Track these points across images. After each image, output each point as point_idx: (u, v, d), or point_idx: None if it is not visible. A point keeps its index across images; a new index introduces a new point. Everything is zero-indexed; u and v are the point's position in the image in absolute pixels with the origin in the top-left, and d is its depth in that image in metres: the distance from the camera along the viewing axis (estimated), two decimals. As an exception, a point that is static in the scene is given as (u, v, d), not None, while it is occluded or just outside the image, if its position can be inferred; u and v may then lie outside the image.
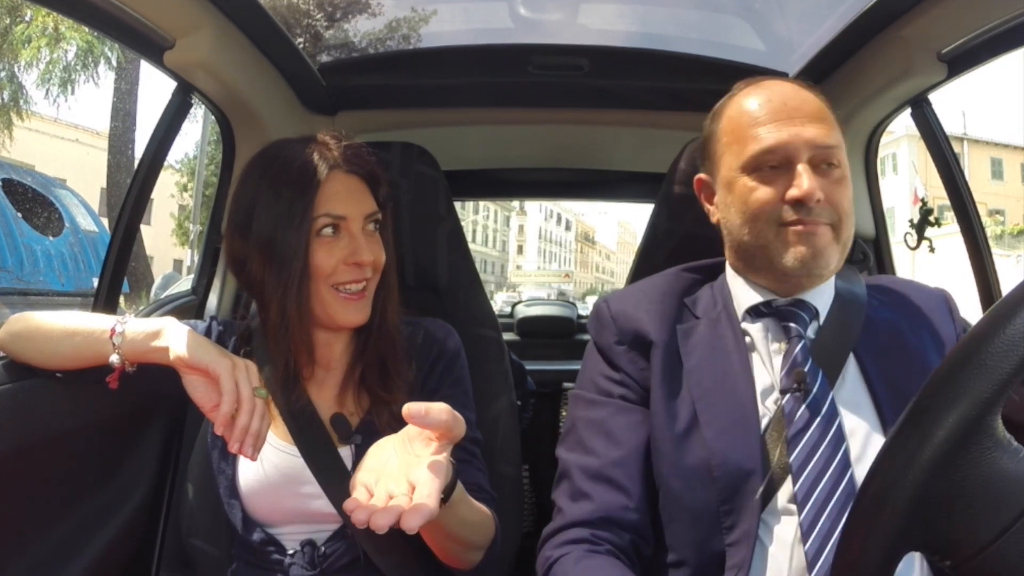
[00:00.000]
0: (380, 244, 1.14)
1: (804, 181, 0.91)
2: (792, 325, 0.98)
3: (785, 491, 0.91)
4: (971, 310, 1.05)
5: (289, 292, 1.07)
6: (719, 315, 1.03)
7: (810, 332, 0.99)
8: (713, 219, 1.07)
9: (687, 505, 0.94)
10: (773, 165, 0.94)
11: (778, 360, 0.97)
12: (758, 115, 0.96)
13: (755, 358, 0.99)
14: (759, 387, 0.96)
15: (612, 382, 1.04)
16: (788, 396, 0.93)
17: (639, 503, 0.97)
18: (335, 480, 1.07)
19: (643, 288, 1.11)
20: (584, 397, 1.06)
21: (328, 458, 1.09)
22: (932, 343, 1.01)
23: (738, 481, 0.91)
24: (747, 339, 1.00)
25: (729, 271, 1.08)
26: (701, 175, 1.08)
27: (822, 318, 1.00)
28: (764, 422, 0.94)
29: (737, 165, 0.97)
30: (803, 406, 0.91)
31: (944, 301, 1.07)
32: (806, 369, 0.93)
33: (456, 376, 1.21)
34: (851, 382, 0.97)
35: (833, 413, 0.92)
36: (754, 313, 1.01)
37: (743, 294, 1.03)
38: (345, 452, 1.10)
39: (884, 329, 1.01)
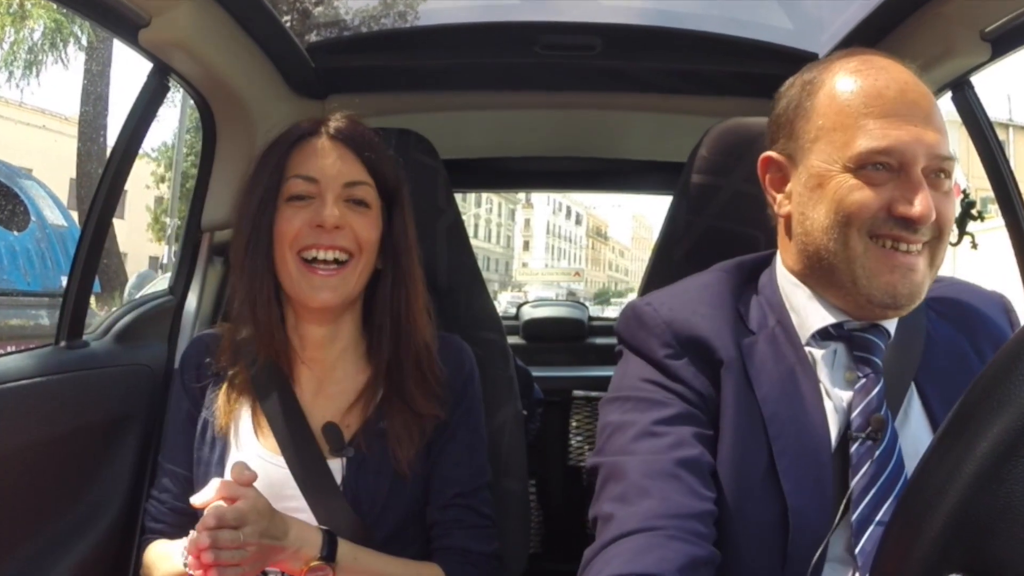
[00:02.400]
0: (367, 220, 1.13)
1: (920, 200, 0.83)
2: (873, 358, 0.89)
3: (839, 541, 0.84)
4: (1018, 311, 1.05)
5: (256, 260, 1.10)
6: (774, 332, 0.93)
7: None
8: (780, 211, 0.96)
9: (748, 567, 0.84)
10: (883, 166, 0.85)
11: (844, 395, 0.89)
12: (871, 102, 0.86)
13: (820, 389, 0.90)
14: (832, 428, 0.87)
15: (667, 391, 0.91)
16: (857, 443, 0.85)
17: (713, 513, 0.84)
18: (321, 494, 1.08)
19: (692, 287, 0.99)
20: (622, 402, 0.93)
21: (315, 471, 1.09)
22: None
23: (809, 544, 0.82)
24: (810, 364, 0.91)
25: (788, 278, 0.97)
26: (771, 153, 0.96)
27: None
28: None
29: (839, 158, 0.86)
30: (875, 455, 0.84)
31: (1003, 308, 1.03)
32: (881, 413, 0.85)
33: (476, 420, 1.23)
34: (914, 419, 0.91)
35: (900, 465, 0.85)
36: (821, 335, 0.92)
37: (809, 312, 0.93)
38: (335, 465, 1.10)
39: (944, 349, 0.94)
